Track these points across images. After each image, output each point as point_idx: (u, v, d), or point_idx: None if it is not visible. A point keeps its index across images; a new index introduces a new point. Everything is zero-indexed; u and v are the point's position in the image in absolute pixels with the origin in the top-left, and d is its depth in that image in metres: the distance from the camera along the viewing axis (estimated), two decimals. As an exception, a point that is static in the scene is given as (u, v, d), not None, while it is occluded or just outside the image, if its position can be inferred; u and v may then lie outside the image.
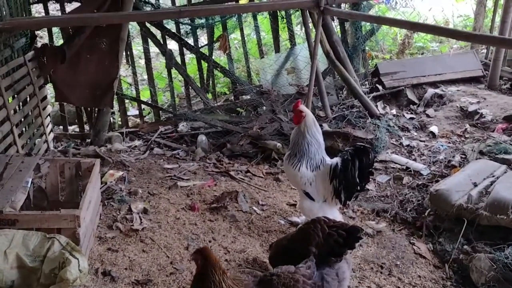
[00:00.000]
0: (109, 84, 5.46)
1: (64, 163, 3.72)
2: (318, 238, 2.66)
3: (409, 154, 5.24)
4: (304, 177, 3.56)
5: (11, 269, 2.64)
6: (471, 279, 3.22)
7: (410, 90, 6.65)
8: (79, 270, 2.43)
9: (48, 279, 2.58)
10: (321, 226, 2.70)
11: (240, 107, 6.49)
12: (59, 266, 2.55)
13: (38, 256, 2.66)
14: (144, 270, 3.21)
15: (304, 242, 2.69)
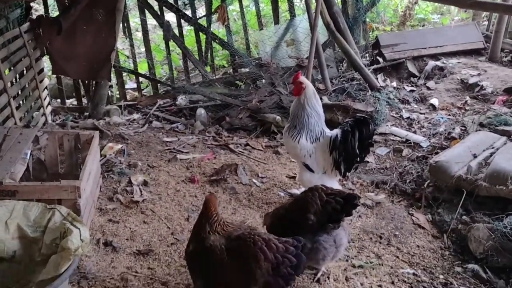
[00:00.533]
0: (106, 56, 5.39)
1: (62, 135, 3.69)
2: (316, 206, 2.67)
3: (409, 126, 5.23)
4: (304, 149, 3.56)
5: (13, 239, 2.64)
6: (469, 249, 3.25)
7: (410, 63, 6.59)
8: (81, 240, 2.43)
9: (50, 249, 2.58)
10: (318, 194, 2.71)
11: (239, 80, 6.44)
12: (61, 236, 2.55)
13: (39, 227, 2.66)
14: (145, 241, 3.24)
15: (302, 211, 2.70)
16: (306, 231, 2.67)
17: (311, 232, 2.69)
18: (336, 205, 2.64)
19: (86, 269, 2.90)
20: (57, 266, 2.33)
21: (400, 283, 2.98)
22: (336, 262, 3.12)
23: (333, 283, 2.92)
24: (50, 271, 2.35)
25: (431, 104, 5.70)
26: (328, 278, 2.96)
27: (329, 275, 2.98)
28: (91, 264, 2.95)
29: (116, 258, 3.04)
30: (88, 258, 3.00)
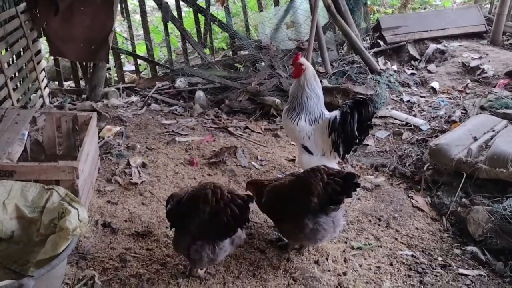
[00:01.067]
0: (104, 37, 5.33)
1: (60, 116, 3.67)
2: (319, 187, 2.64)
3: (409, 109, 5.21)
4: (303, 131, 3.53)
5: (11, 219, 2.64)
6: (468, 231, 3.25)
7: (411, 46, 6.55)
8: (79, 220, 2.43)
9: (48, 229, 2.58)
10: (321, 175, 2.68)
11: (238, 62, 6.39)
12: (59, 216, 2.54)
13: (37, 207, 2.66)
14: (144, 222, 3.23)
15: (305, 192, 2.67)
16: (308, 212, 2.67)
17: (312, 213, 2.68)
18: (336, 186, 2.62)
19: (84, 250, 2.89)
20: (56, 246, 2.33)
21: (399, 264, 2.98)
22: (335, 244, 3.13)
23: (332, 265, 2.93)
24: (49, 250, 2.35)
25: (432, 88, 5.67)
26: (327, 259, 2.96)
27: (328, 256, 2.99)
28: (89, 245, 2.94)
29: (114, 239, 3.03)
30: (86, 239, 3.00)
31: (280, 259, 2.94)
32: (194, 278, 2.72)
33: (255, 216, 3.37)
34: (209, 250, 2.52)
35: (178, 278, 2.72)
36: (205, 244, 2.50)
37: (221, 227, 2.46)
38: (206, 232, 2.49)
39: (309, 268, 2.89)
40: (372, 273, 2.89)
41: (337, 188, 2.62)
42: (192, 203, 2.51)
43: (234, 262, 2.89)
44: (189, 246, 2.51)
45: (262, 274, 2.81)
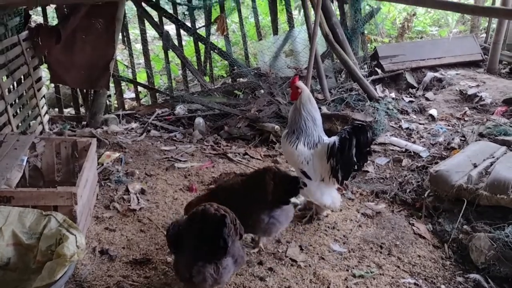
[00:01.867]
0: (105, 65, 5.40)
1: (60, 142, 3.67)
2: (273, 186, 2.95)
3: (408, 136, 5.22)
4: (301, 155, 3.52)
5: (7, 246, 2.60)
6: (470, 259, 3.21)
7: (409, 74, 6.62)
8: (77, 246, 2.40)
9: (45, 256, 2.54)
10: (273, 175, 2.99)
11: (237, 89, 6.44)
12: (56, 242, 2.51)
13: (34, 233, 2.62)
14: (142, 249, 3.19)
15: (261, 190, 2.96)
16: (264, 208, 2.99)
17: (268, 208, 2.99)
18: (286, 186, 2.98)
19: (81, 277, 2.85)
20: (53, 272, 2.29)
21: (402, 293, 2.93)
22: (336, 272, 3.08)
23: (333, 293, 2.88)
24: (45, 277, 2.31)
25: (430, 115, 5.70)
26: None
27: (329, 285, 2.94)
28: (86, 273, 2.90)
29: (112, 267, 2.99)
30: (83, 267, 2.95)
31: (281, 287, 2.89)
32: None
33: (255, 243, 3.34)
34: (212, 270, 2.47)
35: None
36: (207, 263, 2.46)
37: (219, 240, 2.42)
38: (205, 249, 2.46)
39: (310, 296, 2.84)
40: (374, 301, 2.84)
41: (287, 188, 2.98)
42: (191, 221, 2.55)
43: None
44: (191, 267, 2.47)
45: (263, 303, 2.76)
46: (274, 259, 3.18)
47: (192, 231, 2.50)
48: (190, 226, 2.53)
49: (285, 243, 3.37)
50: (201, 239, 2.45)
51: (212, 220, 2.42)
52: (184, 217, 2.69)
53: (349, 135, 3.40)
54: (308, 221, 3.64)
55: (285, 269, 3.08)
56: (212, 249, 2.44)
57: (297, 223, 3.63)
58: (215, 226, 2.39)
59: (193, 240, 2.48)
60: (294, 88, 3.54)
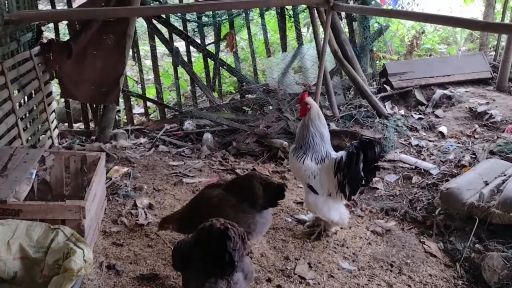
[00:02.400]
0: (115, 80, 5.43)
1: (69, 156, 3.68)
2: (260, 192, 3.08)
3: (418, 154, 5.18)
4: (308, 170, 3.49)
5: (14, 260, 2.59)
6: (483, 278, 3.15)
7: (418, 91, 6.61)
8: (84, 261, 2.38)
9: (52, 270, 2.53)
10: (260, 179, 3.14)
11: (246, 105, 6.46)
12: (63, 257, 2.50)
13: (41, 247, 2.61)
14: (149, 265, 3.16)
15: (251, 196, 3.09)
16: (255, 210, 3.10)
17: (258, 211, 3.12)
18: (272, 192, 3.11)
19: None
20: (59, 287, 2.27)
21: (413, 313, 2.87)
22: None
23: (343, 312, 2.82)
24: (52, 292, 2.28)
25: (440, 132, 5.67)
26: (338, 306, 2.86)
27: (338, 303, 2.89)
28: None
29: (119, 282, 2.96)
30: (90, 282, 2.92)
31: (289, 305, 2.84)
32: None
33: (263, 259, 3.30)
34: (224, 286, 2.43)
35: (183, 324, 2.63)
36: (219, 279, 2.42)
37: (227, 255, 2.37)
38: (213, 265, 2.42)
39: (319, 315, 2.78)
40: (385, 321, 2.78)
41: (273, 193, 3.12)
42: (197, 238, 2.53)
43: (242, 308, 2.79)
44: (202, 285, 2.42)
45: (271, 321, 2.71)
46: (282, 276, 3.14)
47: (199, 248, 2.47)
48: (197, 243, 2.50)
49: (293, 260, 3.33)
50: (208, 255, 2.42)
51: (216, 234, 2.39)
52: (190, 236, 2.65)
53: (357, 150, 3.36)
54: (317, 238, 3.60)
55: (294, 286, 3.04)
56: (220, 264, 2.39)
57: (306, 240, 3.59)
58: (219, 241, 2.35)
59: (201, 257, 2.45)
60: (303, 104, 3.54)
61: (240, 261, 2.43)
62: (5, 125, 4.02)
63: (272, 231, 3.69)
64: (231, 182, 3.35)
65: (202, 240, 2.47)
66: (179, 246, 2.61)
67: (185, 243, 2.60)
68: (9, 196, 2.79)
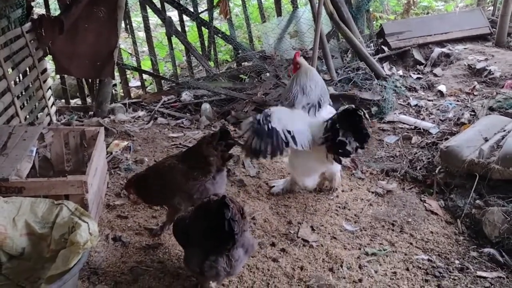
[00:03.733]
0: (109, 54, 5.37)
1: (68, 132, 3.67)
2: (215, 156, 2.92)
3: (417, 114, 5.18)
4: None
5: (21, 236, 2.62)
6: (484, 233, 3.19)
7: (416, 50, 6.54)
8: (89, 233, 2.40)
9: (59, 244, 2.55)
10: (211, 144, 2.92)
11: (243, 73, 6.40)
12: (69, 231, 2.52)
13: (47, 223, 2.63)
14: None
15: (201, 161, 2.92)
16: (207, 177, 2.96)
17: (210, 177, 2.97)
18: (223, 147, 2.94)
19: (95, 264, 2.87)
20: (67, 260, 2.30)
21: (415, 269, 2.92)
22: (349, 250, 3.08)
23: (347, 272, 2.88)
24: (60, 266, 2.32)
25: (439, 91, 5.64)
26: (341, 266, 2.91)
27: (342, 263, 2.94)
28: (100, 260, 2.92)
29: (125, 253, 3.00)
30: (97, 254, 2.97)
31: (294, 268, 2.90)
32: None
33: (267, 224, 3.34)
34: (225, 263, 2.42)
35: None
36: (219, 258, 2.40)
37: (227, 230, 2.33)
38: (213, 239, 2.39)
39: (324, 275, 2.84)
40: (388, 278, 2.84)
41: (224, 149, 2.94)
42: (196, 212, 2.54)
43: (247, 272, 2.85)
44: (202, 263, 2.42)
45: (276, 284, 2.77)
46: (286, 240, 3.18)
47: (198, 223, 2.46)
48: (196, 218, 2.50)
49: (296, 224, 3.37)
50: (207, 228, 2.38)
51: (214, 205, 2.37)
52: (189, 210, 2.68)
53: (339, 119, 3.22)
54: (278, 194, 3.74)
55: (298, 249, 3.09)
56: (220, 236, 2.34)
57: (308, 204, 3.62)
58: (217, 210, 2.31)
59: (201, 232, 2.43)
60: (295, 64, 3.63)
61: (240, 236, 2.37)
62: (2, 104, 4.00)
63: (274, 198, 3.73)
64: (184, 151, 3.26)
65: (200, 213, 2.48)
66: (178, 222, 2.63)
67: (184, 219, 2.61)
68: (11, 174, 2.80)
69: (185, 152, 3.16)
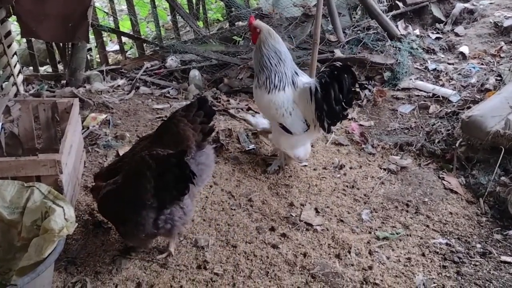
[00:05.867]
0: (82, 13, 5.27)
1: (37, 105, 3.65)
2: (192, 130, 2.82)
3: (435, 79, 5.17)
4: (282, 106, 3.48)
5: (-13, 223, 2.64)
6: (509, 213, 3.24)
7: (435, 6, 6.49)
8: (65, 219, 2.42)
9: (31, 232, 2.57)
10: (186, 119, 2.84)
11: (236, 35, 6.34)
12: (42, 216, 2.54)
13: (16, 208, 2.64)
14: (138, 220, 3.23)
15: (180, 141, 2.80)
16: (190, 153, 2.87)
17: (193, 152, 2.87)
18: (202, 118, 2.85)
19: (73, 253, 2.90)
20: (40, 250, 2.32)
21: (432, 254, 2.97)
22: (358, 235, 3.12)
23: (356, 258, 2.92)
24: (32, 256, 2.34)
25: (461, 53, 5.62)
26: (349, 252, 2.96)
27: (350, 249, 2.98)
28: (79, 248, 2.95)
29: (107, 241, 3.03)
30: (75, 242, 3.00)
31: (296, 254, 2.94)
32: (199, 280, 2.73)
33: (265, 207, 3.37)
34: (179, 212, 2.70)
35: (181, 280, 2.73)
36: (173, 209, 2.67)
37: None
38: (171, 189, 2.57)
39: (329, 263, 2.88)
40: (401, 265, 2.88)
41: (204, 120, 2.86)
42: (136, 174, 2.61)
43: (244, 260, 2.89)
44: (156, 220, 2.63)
45: (276, 272, 2.81)
46: (287, 224, 3.22)
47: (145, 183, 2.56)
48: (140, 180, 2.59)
49: (299, 206, 3.40)
50: (162, 183, 2.55)
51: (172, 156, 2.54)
52: (111, 183, 2.77)
53: (330, 79, 3.32)
54: (276, 172, 3.77)
55: (300, 234, 3.12)
56: (179, 185, 2.55)
57: (312, 183, 3.65)
58: (178, 158, 2.51)
59: (153, 191, 2.57)
60: (252, 29, 3.53)
61: None
62: (-41, 73, 3.97)
63: (273, 177, 3.75)
64: (156, 130, 3.12)
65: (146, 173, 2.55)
66: (109, 197, 2.72)
67: (113, 191, 2.71)
68: (-26, 154, 2.80)
69: (158, 130, 3.06)
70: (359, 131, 4.38)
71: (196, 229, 3.15)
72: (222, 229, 3.16)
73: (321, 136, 4.22)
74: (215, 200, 3.45)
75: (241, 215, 3.30)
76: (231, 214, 3.31)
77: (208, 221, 3.23)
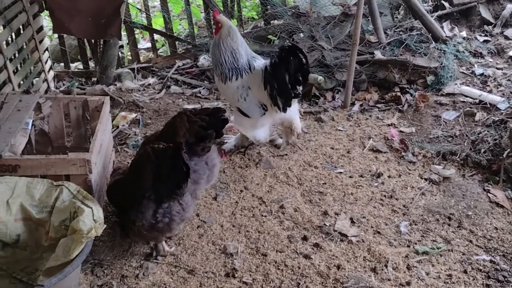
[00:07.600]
0: (115, 10, 5.38)
1: (68, 102, 3.73)
2: (185, 128, 2.86)
3: (483, 85, 5.09)
4: (235, 91, 3.86)
5: (16, 221, 2.71)
6: (561, 231, 3.15)
7: (484, 7, 6.38)
8: (94, 220, 2.47)
9: (59, 232, 2.64)
10: (186, 116, 2.91)
11: (272, 34, 6.34)
12: (70, 216, 2.60)
13: (45, 206, 2.72)
14: (167, 223, 3.27)
15: (171, 136, 2.86)
16: None
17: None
18: (202, 122, 2.87)
19: (100, 255, 2.95)
20: (68, 250, 2.38)
21: (475, 271, 2.91)
22: (395, 248, 3.09)
23: (393, 273, 2.88)
24: (60, 256, 2.40)
25: (511, 57, 5.50)
26: (386, 266, 2.92)
27: (387, 263, 2.95)
28: (106, 250, 3.00)
29: (134, 244, 3.08)
30: (102, 243, 3.06)
31: (329, 266, 2.92)
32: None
33: (298, 214, 3.37)
34: (177, 207, 2.79)
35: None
36: (171, 203, 2.77)
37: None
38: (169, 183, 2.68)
39: (365, 276, 2.85)
40: (441, 282, 2.84)
41: (203, 124, 2.87)
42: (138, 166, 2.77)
43: (274, 270, 2.89)
44: (155, 213, 2.73)
45: (308, 284, 2.80)
46: (320, 233, 3.20)
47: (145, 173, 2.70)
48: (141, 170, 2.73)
49: (333, 215, 3.38)
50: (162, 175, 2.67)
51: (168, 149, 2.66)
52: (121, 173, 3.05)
53: (279, 59, 3.65)
54: (231, 151, 4.14)
55: (334, 245, 3.11)
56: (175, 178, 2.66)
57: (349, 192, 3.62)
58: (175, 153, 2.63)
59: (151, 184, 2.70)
60: (216, 23, 3.87)
61: None
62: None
63: (307, 183, 3.75)
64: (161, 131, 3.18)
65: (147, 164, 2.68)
66: (114, 187, 2.95)
67: (120, 181, 2.92)
68: (4, 150, 2.88)
69: (163, 128, 3.18)
70: (399, 137, 4.33)
71: (225, 235, 3.17)
72: (252, 236, 3.17)
73: (359, 143, 4.22)
74: (246, 206, 3.47)
75: (272, 222, 3.30)
76: (262, 221, 3.32)
77: (237, 227, 3.25)
